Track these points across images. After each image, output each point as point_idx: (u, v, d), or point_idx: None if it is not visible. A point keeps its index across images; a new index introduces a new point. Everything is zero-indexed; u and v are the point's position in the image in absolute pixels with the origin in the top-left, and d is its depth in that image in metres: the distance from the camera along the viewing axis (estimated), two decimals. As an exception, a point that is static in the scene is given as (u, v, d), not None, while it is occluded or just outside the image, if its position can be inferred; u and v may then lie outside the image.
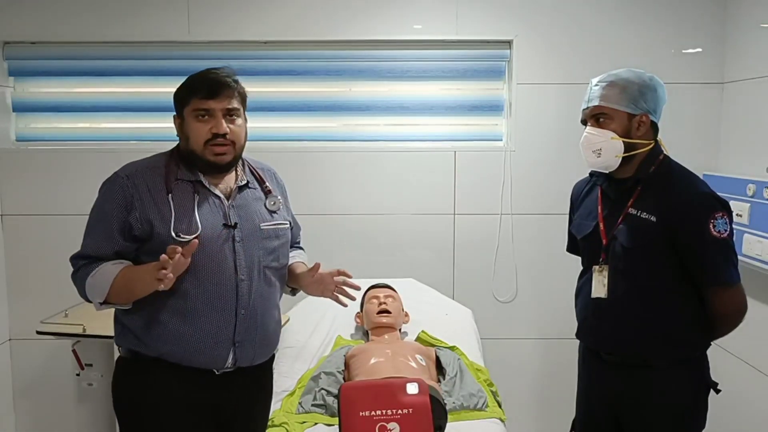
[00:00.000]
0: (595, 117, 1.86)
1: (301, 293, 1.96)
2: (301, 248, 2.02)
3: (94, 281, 1.64)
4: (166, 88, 3.00)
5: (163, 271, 1.51)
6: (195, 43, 2.98)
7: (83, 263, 1.67)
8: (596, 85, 1.86)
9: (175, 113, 1.73)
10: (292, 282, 1.89)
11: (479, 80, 3.07)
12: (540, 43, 2.98)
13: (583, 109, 1.90)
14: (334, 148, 3.06)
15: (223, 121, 1.67)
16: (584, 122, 1.90)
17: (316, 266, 1.79)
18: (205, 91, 1.66)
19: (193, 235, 1.63)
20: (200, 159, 1.68)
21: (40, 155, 3.03)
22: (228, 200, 1.73)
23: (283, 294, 1.90)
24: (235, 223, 1.70)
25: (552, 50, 2.98)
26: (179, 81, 1.72)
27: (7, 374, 3.09)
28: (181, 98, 1.70)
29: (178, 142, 1.76)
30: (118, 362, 1.76)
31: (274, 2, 2.95)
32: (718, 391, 1.89)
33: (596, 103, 1.84)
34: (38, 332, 2.56)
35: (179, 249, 1.53)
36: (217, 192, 1.72)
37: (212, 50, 3.00)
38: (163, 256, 1.51)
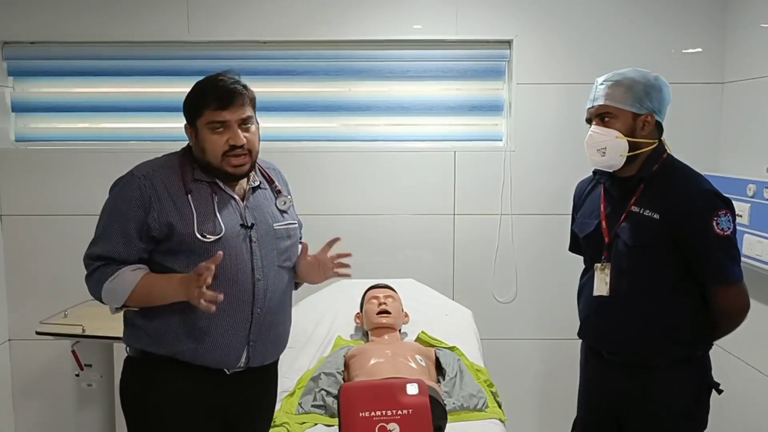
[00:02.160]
0: (600, 116, 1.85)
1: (304, 289, 1.95)
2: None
3: (112, 286, 1.63)
4: (166, 88, 3.03)
5: (204, 291, 1.53)
6: (195, 43, 2.97)
7: (100, 264, 1.65)
8: (601, 84, 1.86)
9: (186, 123, 1.70)
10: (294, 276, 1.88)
11: (479, 80, 3.06)
12: (540, 43, 2.97)
13: (588, 108, 1.90)
14: (334, 148, 3.05)
15: (239, 131, 1.66)
16: (589, 121, 1.90)
17: (305, 249, 1.80)
18: (218, 102, 1.64)
19: (218, 236, 1.64)
20: (218, 170, 1.68)
21: (39, 155, 3.03)
22: (243, 201, 1.73)
23: (305, 290, 1.94)
24: (252, 224, 1.71)
25: (552, 50, 2.98)
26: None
27: (7, 375, 3.09)
28: (193, 109, 1.67)
29: (187, 143, 1.74)
30: (127, 362, 1.76)
31: (274, 2, 2.95)
32: (720, 392, 1.89)
33: (601, 102, 1.84)
34: (38, 333, 2.57)
35: (211, 267, 1.53)
36: (233, 193, 1.73)
37: (212, 50, 2.99)
38: (203, 266, 1.52)
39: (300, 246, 1.87)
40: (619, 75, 1.84)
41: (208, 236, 1.63)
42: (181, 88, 1.73)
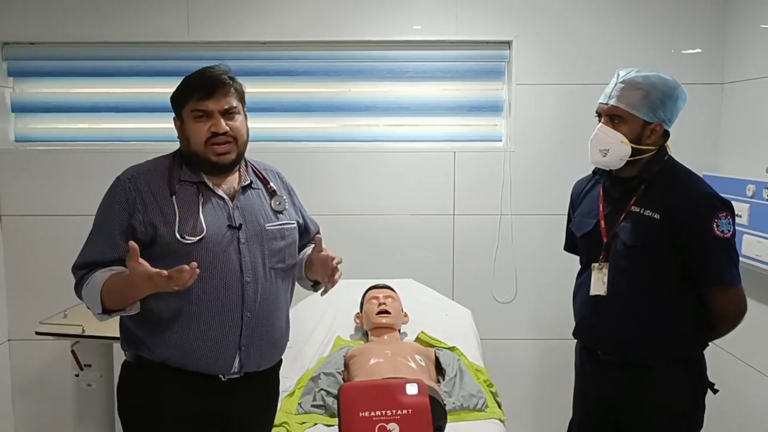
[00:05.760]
0: (610, 116, 1.84)
1: (304, 289, 1.94)
2: None
3: (87, 292, 1.61)
4: (166, 89, 2.96)
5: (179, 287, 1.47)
6: (194, 43, 2.97)
7: (84, 273, 1.63)
8: (621, 81, 1.83)
9: (174, 116, 1.72)
10: (309, 272, 1.84)
11: (479, 81, 3.06)
12: (540, 44, 2.98)
13: (601, 102, 1.87)
14: (333, 149, 3.05)
15: (222, 120, 1.65)
16: (599, 114, 1.89)
17: (318, 241, 1.74)
18: (202, 92, 1.65)
19: (198, 237, 1.62)
20: (203, 160, 1.67)
21: (39, 155, 3.03)
22: (232, 201, 1.71)
23: (306, 291, 1.91)
24: (240, 224, 1.68)
25: (552, 51, 2.98)
26: (179, 81, 1.72)
27: (6, 375, 3.09)
28: (179, 100, 1.69)
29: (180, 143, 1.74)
30: (124, 367, 1.75)
31: (274, 2, 2.95)
32: (715, 391, 1.89)
33: (615, 103, 1.82)
34: (37, 333, 2.56)
35: (185, 269, 1.45)
36: (221, 193, 1.70)
37: (211, 50, 2.99)
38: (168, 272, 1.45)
39: (308, 249, 1.86)
40: (641, 77, 1.81)
41: (187, 237, 1.61)
42: (181, 89, 1.73)
